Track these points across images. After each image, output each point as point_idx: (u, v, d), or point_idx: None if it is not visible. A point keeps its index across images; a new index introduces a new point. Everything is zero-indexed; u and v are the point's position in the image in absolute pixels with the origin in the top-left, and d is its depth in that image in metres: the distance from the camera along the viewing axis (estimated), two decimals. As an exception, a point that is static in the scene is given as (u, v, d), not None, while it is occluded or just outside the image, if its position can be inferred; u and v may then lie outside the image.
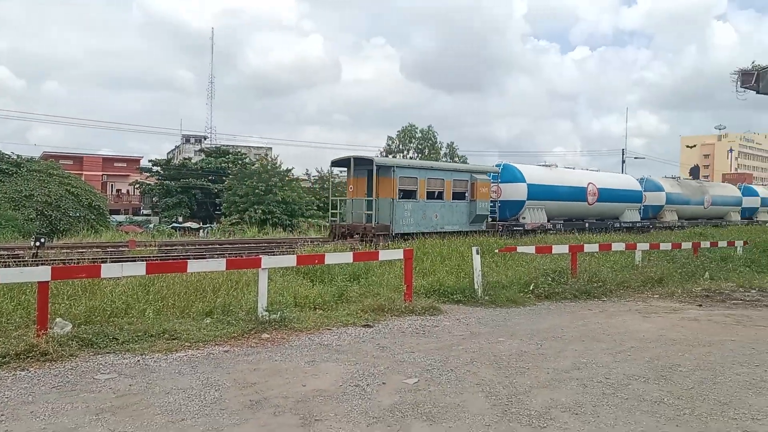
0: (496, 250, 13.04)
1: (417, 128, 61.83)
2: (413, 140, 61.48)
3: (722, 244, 16.97)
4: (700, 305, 11.31)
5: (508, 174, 26.90)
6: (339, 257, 9.84)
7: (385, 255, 10.28)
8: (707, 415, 5.07)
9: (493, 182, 26.09)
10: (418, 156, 61.01)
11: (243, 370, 6.36)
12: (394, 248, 17.89)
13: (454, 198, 24.30)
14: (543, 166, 30.19)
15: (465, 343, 7.83)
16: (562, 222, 28.65)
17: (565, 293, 11.77)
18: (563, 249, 12.96)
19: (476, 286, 11.04)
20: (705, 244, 16.57)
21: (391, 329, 8.59)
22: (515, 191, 26.69)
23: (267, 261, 8.60)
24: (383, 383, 5.96)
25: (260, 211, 41.22)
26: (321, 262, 9.42)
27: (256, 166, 48.38)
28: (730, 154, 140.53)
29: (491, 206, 26.02)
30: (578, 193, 29.70)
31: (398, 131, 61.75)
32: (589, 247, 13.54)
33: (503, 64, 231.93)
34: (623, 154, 55.09)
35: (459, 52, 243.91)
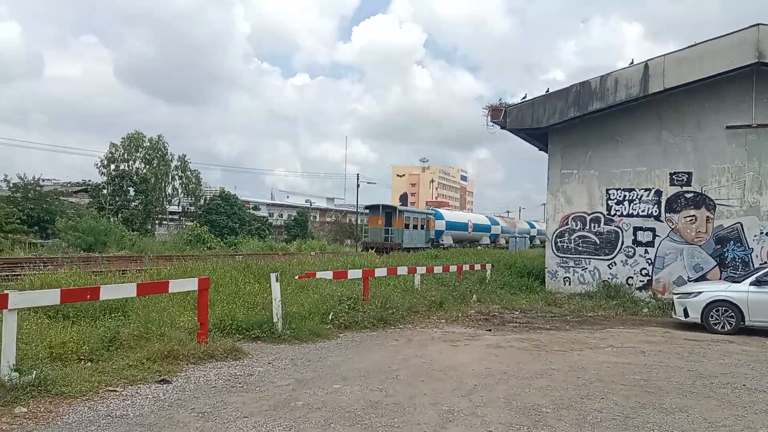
0: (296, 277, 11.64)
1: (145, 137, 56.31)
2: (140, 149, 55.80)
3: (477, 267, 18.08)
4: (490, 330, 11.52)
5: (437, 215, 47.37)
6: (118, 290, 7.44)
7: (175, 286, 8.18)
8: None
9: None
10: (145, 166, 55.58)
11: (8, 480, 4.05)
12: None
13: (421, 228, 43.39)
14: (449, 210, 58.29)
15: (299, 395, 6.40)
16: (458, 244, 48.06)
17: (364, 322, 11.03)
18: (357, 274, 12.21)
19: (276, 319, 9.57)
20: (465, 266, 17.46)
21: (197, 384, 6.71)
22: (440, 225, 46.53)
23: (17, 298, 5.99)
24: (239, 475, 4.27)
25: (-61, 225, 32.72)
26: (95, 297, 6.98)
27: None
28: (431, 184, 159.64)
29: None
30: (465, 226, 51.60)
31: (123, 138, 55.43)
32: (379, 272, 13.06)
33: (225, 80, 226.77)
34: (358, 179, 58.20)
35: (180, 63, 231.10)
